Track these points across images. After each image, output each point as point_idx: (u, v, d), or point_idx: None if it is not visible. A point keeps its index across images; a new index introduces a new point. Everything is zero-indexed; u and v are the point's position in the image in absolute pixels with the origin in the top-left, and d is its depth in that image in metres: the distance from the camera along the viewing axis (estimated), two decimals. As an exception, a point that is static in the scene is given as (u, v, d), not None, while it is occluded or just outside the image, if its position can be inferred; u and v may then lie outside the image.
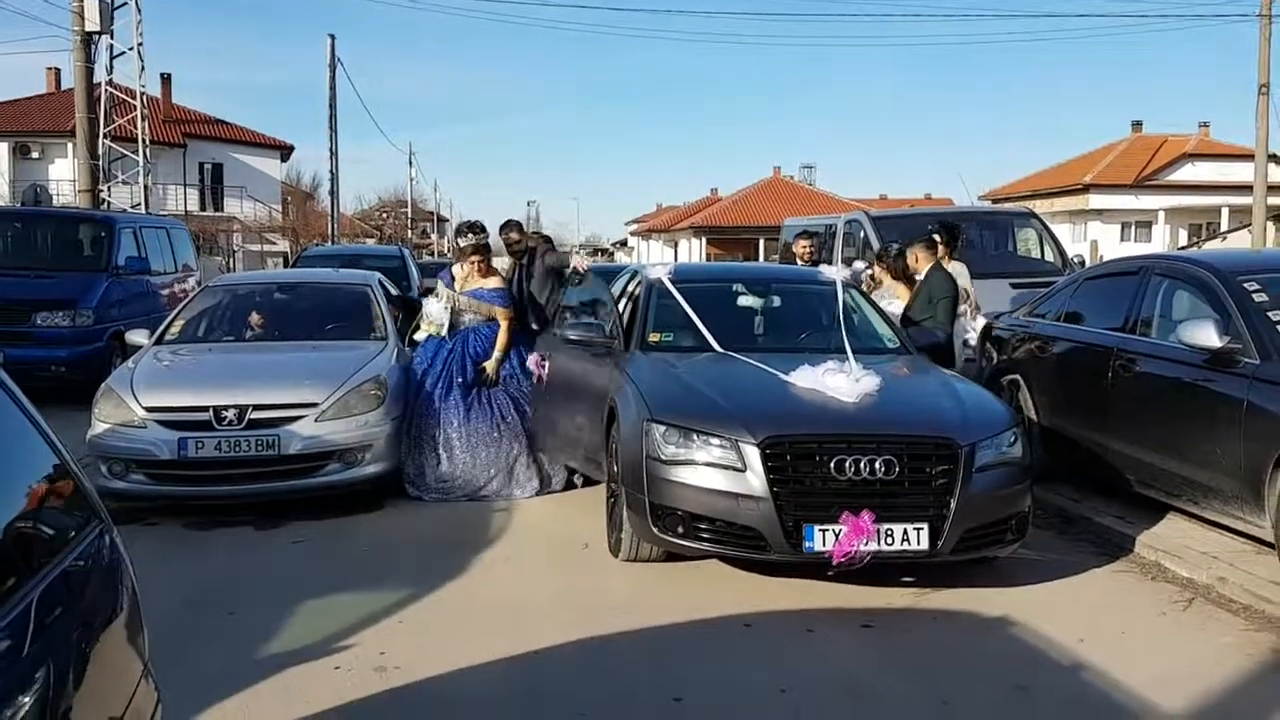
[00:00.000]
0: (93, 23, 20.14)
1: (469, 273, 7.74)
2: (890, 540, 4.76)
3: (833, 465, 4.82)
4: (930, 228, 8.89)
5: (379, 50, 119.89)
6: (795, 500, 4.83)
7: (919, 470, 4.92)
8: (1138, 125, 48.96)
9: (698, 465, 5.00)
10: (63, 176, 35.18)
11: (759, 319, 7.01)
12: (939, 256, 8.15)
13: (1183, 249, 30.01)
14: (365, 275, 9.23)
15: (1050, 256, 12.09)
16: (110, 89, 25.98)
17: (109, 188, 25.49)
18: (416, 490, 7.10)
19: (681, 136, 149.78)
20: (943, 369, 6.36)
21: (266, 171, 45.75)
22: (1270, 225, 27.69)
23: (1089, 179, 44.19)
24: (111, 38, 24.47)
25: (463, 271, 7.78)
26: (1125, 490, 6.36)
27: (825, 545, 4.75)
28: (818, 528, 4.76)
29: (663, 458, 5.08)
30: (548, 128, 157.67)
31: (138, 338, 8.00)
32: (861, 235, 12.30)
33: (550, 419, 7.16)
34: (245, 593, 5.17)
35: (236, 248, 43.87)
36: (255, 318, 8.19)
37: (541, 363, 7.36)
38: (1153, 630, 4.75)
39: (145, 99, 27.17)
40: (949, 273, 8.01)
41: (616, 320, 6.57)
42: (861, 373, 5.38)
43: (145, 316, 10.83)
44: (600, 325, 6.64)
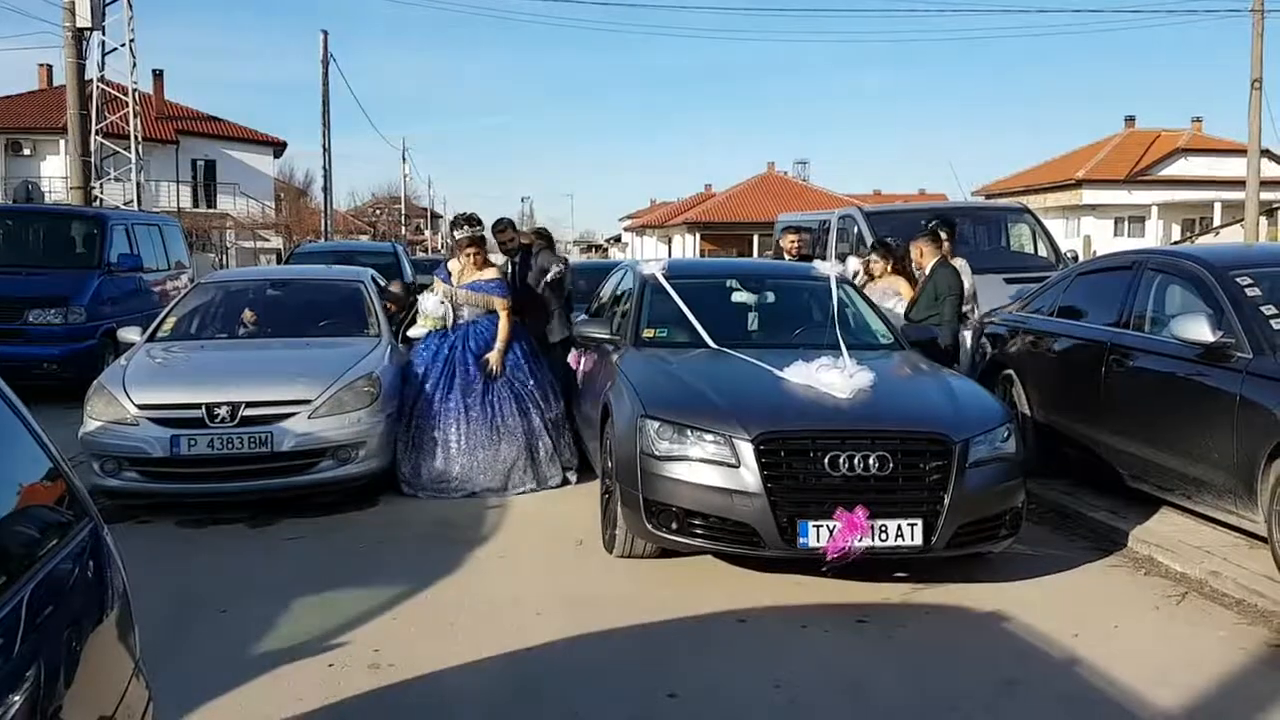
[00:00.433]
0: (84, 19, 20.10)
1: (465, 266, 7.73)
2: (884, 536, 4.77)
3: (827, 461, 4.83)
4: (927, 223, 8.81)
5: (372, 46, 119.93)
6: (789, 496, 4.83)
7: (913, 466, 4.92)
8: (1131, 120, 49.08)
9: (692, 461, 5.00)
10: (55, 173, 35.12)
11: (753, 315, 7.02)
12: (943, 252, 8.12)
13: (1176, 244, 30.04)
14: (358, 272, 9.21)
15: (1043, 252, 12.13)
16: (102, 85, 25.89)
17: (101, 184, 25.40)
18: (411, 489, 7.09)
19: (675, 132, 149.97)
20: (937, 365, 6.36)
21: (259, 168, 45.65)
22: (1263, 220, 27.75)
23: (1082, 174, 44.30)
24: (103, 34, 24.43)
25: (459, 265, 7.77)
26: (1119, 485, 6.37)
27: (819, 541, 4.75)
28: (812, 523, 4.76)
29: (657, 454, 5.08)
30: (542, 124, 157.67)
31: (130, 335, 7.94)
32: (855, 231, 12.31)
33: (581, 414, 7.23)
34: (238, 590, 5.15)
35: (230, 245, 43.82)
36: (248, 315, 8.16)
37: (579, 359, 7.44)
38: (1146, 625, 4.76)
39: (137, 95, 27.06)
40: (955, 269, 7.98)
41: (621, 318, 6.65)
42: (855, 368, 5.38)
43: (138, 314, 10.78)
44: (608, 323, 6.79)
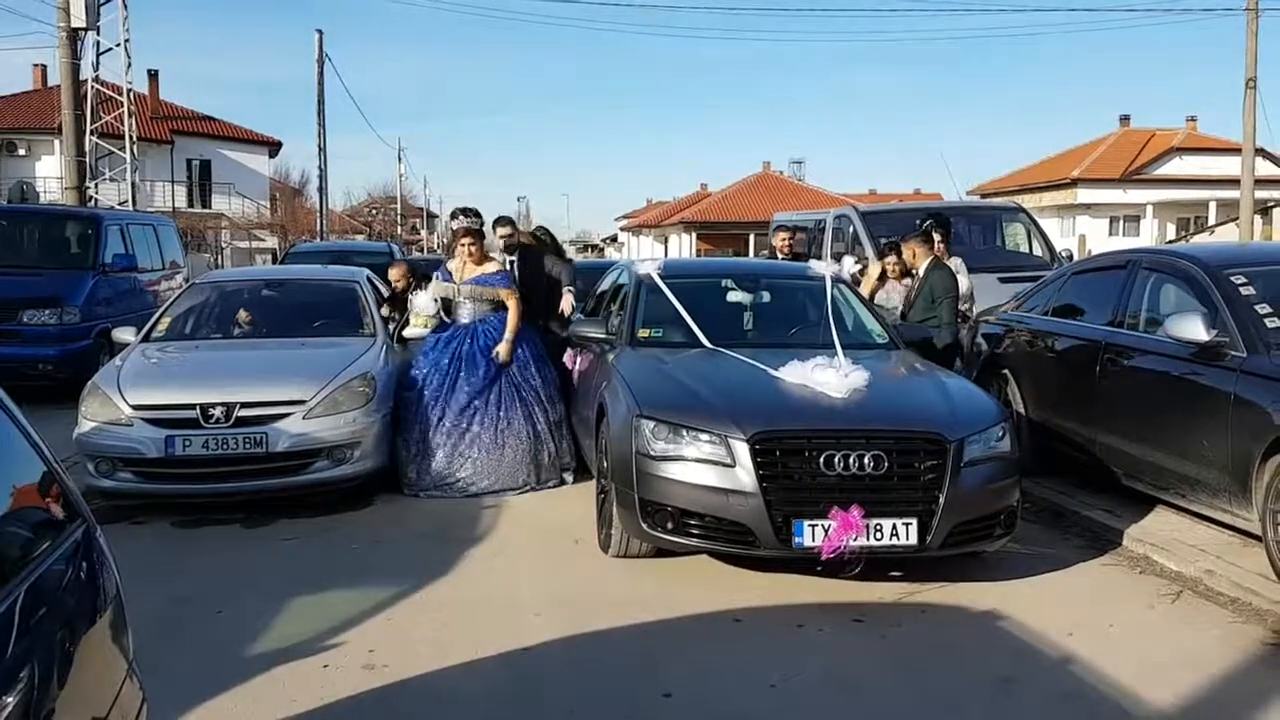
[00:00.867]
0: (79, 19, 20.05)
1: (464, 261, 7.68)
2: (879, 535, 4.77)
3: (822, 460, 4.83)
4: (921, 222, 8.80)
5: (368, 45, 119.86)
6: (784, 495, 4.83)
7: (908, 465, 4.92)
8: (1125, 119, 49.08)
9: (687, 461, 4.99)
10: (49, 174, 35.04)
11: (748, 314, 7.02)
12: (937, 252, 8.12)
13: (1170, 243, 30.09)
14: (353, 272, 9.20)
15: (1038, 251, 12.16)
16: (97, 85, 25.87)
17: (96, 185, 25.38)
18: (411, 489, 7.07)
19: (671, 132, 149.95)
20: (932, 364, 6.37)
21: (255, 168, 45.63)
22: (1257, 219, 27.81)
23: (1077, 173, 44.31)
24: (98, 34, 24.39)
25: (458, 262, 7.72)
26: (1113, 484, 6.38)
27: (815, 540, 4.75)
28: (807, 523, 4.76)
29: (652, 453, 5.07)
30: (538, 124, 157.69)
31: (125, 335, 7.93)
32: (850, 230, 12.33)
33: (577, 414, 7.21)
34: (233, 591, 5.14)
35: (225, 244, 43.77)
36: (243, 315, 8.14)
37: (574, 359, 7.43)
38: (1141, 623, 4.77)
39: (132, 95, 27.05)
40: (950, 270, 7.98)
41: (617, 318, 6.65)
42: (850, 368, 5.39)
43: (132, 314, 10.79)
44: (603, 322, 6.80)
